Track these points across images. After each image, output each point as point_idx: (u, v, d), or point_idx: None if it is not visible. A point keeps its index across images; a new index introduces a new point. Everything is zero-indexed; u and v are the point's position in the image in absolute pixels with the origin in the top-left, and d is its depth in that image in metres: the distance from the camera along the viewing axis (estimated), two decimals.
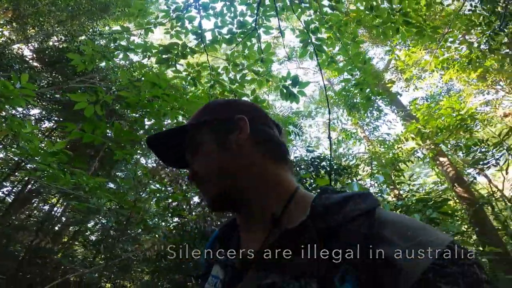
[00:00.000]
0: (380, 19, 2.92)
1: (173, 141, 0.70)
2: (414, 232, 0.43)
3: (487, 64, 5.79)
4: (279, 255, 0.49)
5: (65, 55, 7.06)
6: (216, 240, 0.70)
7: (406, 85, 9.02)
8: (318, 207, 0.51)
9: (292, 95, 3.29)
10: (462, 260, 0.39)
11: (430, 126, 7.47)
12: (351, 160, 8.98)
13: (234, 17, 2.98)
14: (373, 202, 0.50)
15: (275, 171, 0.61)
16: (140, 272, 9.13)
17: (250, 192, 0.59)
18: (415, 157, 9.47)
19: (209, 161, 0.62)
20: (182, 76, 3.34)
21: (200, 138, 0.65)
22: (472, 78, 6.93)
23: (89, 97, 2.52)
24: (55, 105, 7.41)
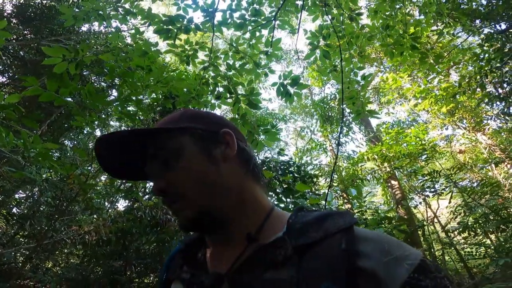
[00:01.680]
0: (392, 39, 2.90)
1: (132, 146, 0.59)
2: (391, 247, 0.45)
3: (460, 99, 6.30)
4: (254, 272, 0.48)
5: (46, 12, 6.31)
6: (179, 254, 0.64)
7: (380, 108, 9.47)
8: (295, 224, 0.52)
9: (288, 94, 3.17)
10: (434, 274, 0.42)
11: (393, 150, 7.94)
12: (316, 170, 9.18)
13: (250, 3, 2.73)
14: (351, 219, 0.51)
15: (254, 190, 0.59)
16: (67, 254, 8.37)
17: (230, 212, 0.55)
18: (372, 177, 10.06)
19: (193, 174, 0.54)
20: (177, 52, 2.99)
21: (179, 146, 0.56)
22: (442, 112, 7.51)
23: (67, 53, 2.09)
24: (15, 61, 6.59)
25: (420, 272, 0.42)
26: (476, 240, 5.37)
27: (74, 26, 2.61)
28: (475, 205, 5.21)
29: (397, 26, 2.98)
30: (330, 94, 9.93)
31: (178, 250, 0.67)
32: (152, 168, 0.58)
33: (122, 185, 7.80)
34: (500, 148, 8.29)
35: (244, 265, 0.50)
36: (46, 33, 6.45)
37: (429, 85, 6.41)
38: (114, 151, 0.59)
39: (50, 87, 2.30)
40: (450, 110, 7.48)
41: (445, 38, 5.24)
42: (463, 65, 5.81)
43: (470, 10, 4.35)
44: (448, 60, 5.17)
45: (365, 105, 3.84)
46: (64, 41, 5.82)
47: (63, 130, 7.44)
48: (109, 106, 3.03)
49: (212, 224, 0.55)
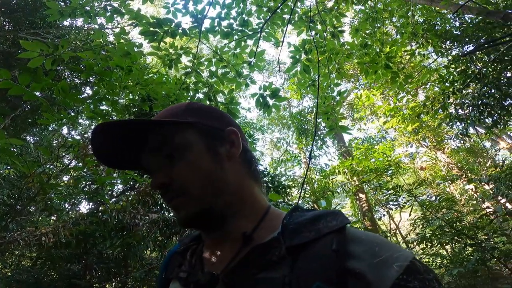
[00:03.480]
0: (369, 58, 3.09)
1: (130, 136, 0.57)
2: (381, 249, 0.46)
3: (424, 119, 6.74)
4: (247, 271, 0.49)
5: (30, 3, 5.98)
6: (176, 254, 0.65)
7: (352, 123, 9.89)
8: (289, 224, 0.52)
9: (267, 106, 3.23)
10: (422, 275, 0.42)
11: (363, 165, 8.31)
12: (290, 181, 9.33)
13: (239, 13, 2.78)
14: (344, 220, 0.51)
15: (253, 190, 0.60)
16: (19, 256, 7.74)
17: (230, 210, 0.55)
18: (342, 189, 10.43)
19: (197, 170, 0.54)
20: (160, 55, 2.96)
21: (186, 141, 0.56)
22: (407, 130, 8.00)
23: (45, 48, 2.01)
24: None
25: (409, 273, 0.42)
26: (433, 250, 5.72)
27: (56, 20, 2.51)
28: (433, 218, 5.57)
29: (375, 44, 3.17)
30: (307, 108, 10.23)
31: (176, 249, 0.67)
32: (153, 161, 0.57)
33: (86, 187, 7.41)
34: (458, 166, 8.99)
35: (239, 264, 0.51)
36: (26, 25, 6.16)
37: (398, 104, 6.81)
38: (109, 139, 0.57)
39: (22, 81, 2.18)
40: (415, 129, 7.99)
41: (416, 58, 5.64)
42: (430, 86, 6.22)
43: (443, 32, 4.68)
44: (417, 80, 5.54)
45: (338, 121, 4.02)
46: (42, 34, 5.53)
47: (27, 125, 6.96)
48: (81, 104, 2.91)
49: (211, 221, 0.56)
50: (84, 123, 8.27)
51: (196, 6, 2.74)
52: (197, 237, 0.65)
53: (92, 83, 6.48)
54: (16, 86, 2.22)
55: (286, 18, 2.90)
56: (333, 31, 2.96)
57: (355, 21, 6.37)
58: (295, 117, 9.85)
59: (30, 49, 2.03)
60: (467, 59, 4.67)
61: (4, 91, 2.21)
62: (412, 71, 6.03)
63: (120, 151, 0.60)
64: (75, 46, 4.32)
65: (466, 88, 4.74)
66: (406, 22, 3.51)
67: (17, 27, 6.18)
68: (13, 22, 6.27)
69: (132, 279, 5.65)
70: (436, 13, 4.01)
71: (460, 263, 4.89)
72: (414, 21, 3.68)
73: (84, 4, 2.59)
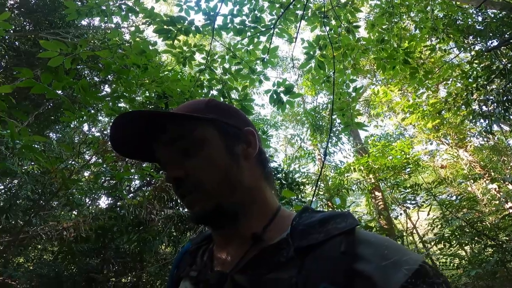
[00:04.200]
0: (386, 53, 3.00)
1: (150, 126, 0.57)
2: (390, 251, 0.45)
3: (446, 116, 6.50)
4: (255, 272, 0.49)
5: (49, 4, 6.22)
6: (187, 254, 0.66)
7: (369, 120, 9.68)
8: (298, 225, 0.52)
9: (280, 102, 3.21)
10: (432, 279, 0.42)
11: (379, 163, 8.13)
12: (303, 178, 9.28)
13: (252, 10, 2.78)
14: (353, 222, 0.51)
15: (266, 191, 0.60)
16: (41, 250, 8.07)
17: (242, 209, 0.56)
18: (357, 187, 10.26)
19: (213, 166, 0.54)
20: (174, 53, 3.00)
21: (204, 137, 0.56)
22: (427, 127, 7.75)
23: (64, 47, 2.09)
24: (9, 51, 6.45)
25: (418, 277, 0.41)
26: (451, 251, 5.55)
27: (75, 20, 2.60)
28: (452, 218, 5.39)
29: (392, 39, 3.08)
30: (322, 104, 10.09)
31: (187, 248, 0.68)
32: (169, 154, 0.57)
33: (106, 182, 7.64)
34: (480, 164, 8.63)
35: (248, 265, 0.51)
36: (45, 25, 6.38)
37: (418, 100, 6.60)
38: (129, 128, 0.57)
39: (44, 79, 2.27)
40: (435, 126, 7.72)
41: (437, 54, 5.43)
42: (452, 82, 6.02)
43: (465, 27, 4.49)
44: (438, 76, 5.35)
45: (354, 117, 3.95)
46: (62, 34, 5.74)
47: (50, 122, 7.26)
48: (101, 101, 3.00)
49: (224, 219, 0.56)
50: (104, 120, 8.52)
51: (208, 3, 2.76)
52: (208, 236, 0.66)
53: (110, 81, 6.67)
54: (38, 84, 2.31)
55: (299, 14, 2.85)
56: (348, 26, 2.89)
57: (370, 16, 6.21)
58: (309, 114, 9.75)
59: (49, 49, 2.11)
60: (491, 55, 4.45)
61: (27, 90, 2.31)
62: (433, 66, 5.81)
63: (137, 141, 0.60)
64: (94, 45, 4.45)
65: (490, 84, 4.53)
66: (425, 17, 3.37)
67: (37, 27, 6.41)
68: (33, 22, 6.51)
69: (146, 273, 5.78)
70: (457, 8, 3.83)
71: (479, 264, 4.73)
72: (434, 16, 3.53)
73: (100, 3, 2.66)
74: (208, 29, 2.77)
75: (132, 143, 0.60)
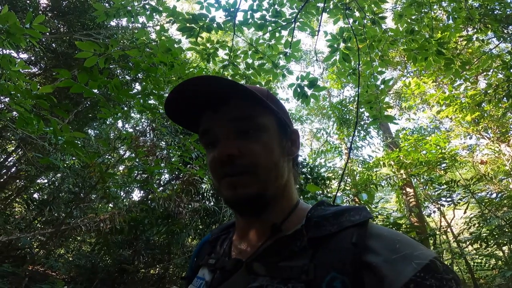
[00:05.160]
0: (417, 44, 2.86)
1: (212, 96, 0.56)
2: (402, 245, 0.45)
3: (486, 108, 6.04)
4: (270, 259, 0.52)
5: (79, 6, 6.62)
6: (207, 243, 0.70)
7: (400, 113, 9.24)
8: (313, 217, 0.54)
9: (305, 96, 3.18)
10: (441, 275, 0.41)
11: (411, 157, 7.75)
12: (329, 172, 9.10)
13: (272, 4, 2.77)
14: (367, 215, 0.52)
15: (292, 186, 0.63)
16: (80, 242, 8.59)
17: (273, 203, 0.58)
18: (387, 183, 9.87)
19: (270, 154, 0.56)
20: (198, 50, 3.09)
21: (266, 123, 0.58)
22: (466, 120, 7.26)
23: (98, 48, 2.23)
24: (47, 53, 6.94)
25: (427, 271, 0.41)
26: (488, 251, 5.22)
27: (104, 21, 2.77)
28: (491, 217, 5.05)
29: (423, 30, 2.92)
30: (349, 97, 9.80)
31: (207, 239, 0.72)
32: (226, 130, 0.56)
33: (138, 176, 8.02)
34: None
35: (263, 253, 0.54)
36: (78, 27, 6.77)
37: (455, 92, 6.17)
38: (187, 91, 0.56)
39: (81, 79, 2.44)
40: (475, 119, 7.20)
41: (474, 44, 5.04)
42: (492, 72, 5.58)
43: (503, 16, 4.16)
44: (477, 67, 5.00)
45: (383, 110, 3.80)
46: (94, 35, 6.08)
47: (88, 120, 7.75)
48: (132, 99, 3.17)
49: (257, 209, 0.57)
50: (135, 117, 8.93)
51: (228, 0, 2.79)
52: (228, 227, 0.70)
53: (140, 79, 6.98)
54: (76, 84, 2.50)
55: (320, 6, 2.80)
56: (373, 17, 2.79)
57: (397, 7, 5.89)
58: (335, 107, 9.50)
59: (84, 49, 2.26)
60: None
61: (67, 89, 2.51)
62: (470, 57, 5.40)
63: (185, 105, 0.59)
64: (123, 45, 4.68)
65: None
66: (458, 7, 3.15)
67: (70, 28, 6.82)
68: (67, 24, 6.93)
69: (173, 265, 5.96)
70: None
71: None
72: (469, 6, 3.27)
73: (126, 4, 2.80)
74: (229, 25, 2.81)
75: (181, 107, 0.60)
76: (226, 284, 0.53)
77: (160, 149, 6.92)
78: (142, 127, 8.66)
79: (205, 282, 0.59)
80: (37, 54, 6.89)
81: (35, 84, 2.55)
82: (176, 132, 6.84)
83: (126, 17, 2.91)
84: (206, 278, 0.59)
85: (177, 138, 6.65)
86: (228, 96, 0.56)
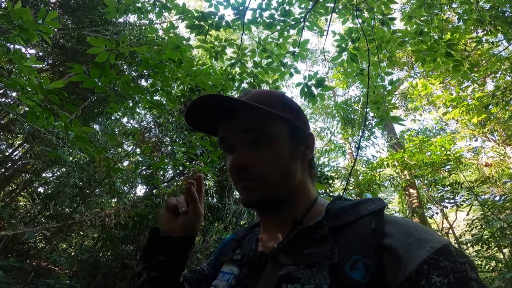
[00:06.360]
0: (425, 45, 2.85)
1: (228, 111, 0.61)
2: (416, 231, 0.48)
3: (493, 111, 6.00)
4: (294, 249, 0.55)
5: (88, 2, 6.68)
6: (232, 241, 0.74)
7: (406, 114, 9.19)
8: (332, 209, 0.58)
9: (311, 95, 3.19)
10: (454, 258, 0.43)
11: (416, 159, 7.73)
12: (333, 172, 9.11)
13: (281, 3, 2.78)
14: (382, 204, 0.55)
15: (310, 187, 0.66)
16: (82, 237, 8.65)
17: (290, 202, 0.62)
18: (390, 183, 9.85)
19: (279, 163, 0.60)
20: (206, 47, 3.11)
21: (276, 133, 0.61)
22: (472, 123, 7.22)
23: (109, 44, 2.27)
24: (55, 49, 7.01)
25: (440, 254, 0.43)
26: (488, 253, 5.22)
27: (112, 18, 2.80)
28: (494, 219, 5.04)
29: (433, 31, 2.91)
30: (354, 97, 9.76)
31: (232, 238, 0.77)
32: (239, 139, 0.61)
33: (143, 172, 8.05)
34: None
35: (287, 244, 0.57)
36: (86, 23, 6.84)
37: (462, 94, 6.13)
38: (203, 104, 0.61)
39: (93, 74, 2.48)
40: (481, 121, 7.16)
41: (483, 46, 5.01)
42: (501, 75, 5.54)
43: None
44: (485, 69, 4.96)
45: (389, 111, 3.80)
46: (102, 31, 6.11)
47: (94, 115, 7.81)
48: (142, 95, 3.21)
49: (273, 208, 0.62)
50: (141, 113, 8.98)
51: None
52: (253, 227, 0.75)
53: (146, 75, 7.01)
54: (89, 79, 2.54)
55: (330, 6, 2.80)
56: (382, 18, 2.79)
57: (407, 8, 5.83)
58: (340, 107, 9.49)
59: (96, 45, 2.29)
60: None
61: (74, 85, 2.54)
62: (479, 59, 5.36)
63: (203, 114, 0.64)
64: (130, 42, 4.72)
65: None
66: (469, 9, 3.13)
67: (79, 25, 6.89)
68: (75, 20, 7.00)
69: None
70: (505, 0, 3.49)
71: None
72: (479, 7, 3.25)
73: (136, 1, 2.83)
74: (238, 23, 2.82)
75: (201, 116, 0.65)
76: (255, 277, 0.56)
77: (165, 145, 6.96)
78: (147, 123, 8.71)
79: (233, 276, 0.61)
80: (45, 49, 6.95)
81: (46, 79, 2.59)
82: (182, 129, 6.87)
83: (136, 14, 2.94)
84: (234, 272, 0.62)
85: (182, 134, 6.67)
86: (239, 108, 0.61)
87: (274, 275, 0.52)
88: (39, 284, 5.22)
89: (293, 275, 0.50)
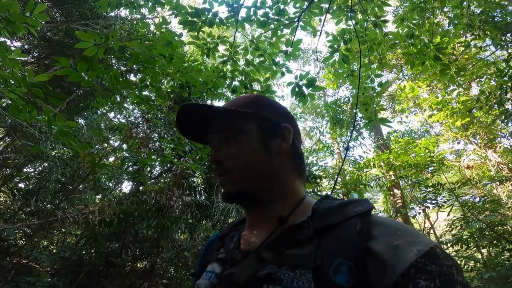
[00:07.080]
0: (415, 49, 2.91)
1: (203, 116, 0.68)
2: (403, 233, 0.48)
3: (476, 114, 6.19)
4: (278, 248, 0.54)
5: None
6: (216, 240, 0.74)
7: (392, 115, 9.38)
8: (319, 209, 0.57)
9: (302, 95, 3.20)
10: (441, 261, 0.43)
11: (401, 160, 7.92)
12: (320, 171, 9.21)
13: (275, 2, 2.77)
14: (369, 205, 0.55)
15: (294, 182, 0.65)
16: (64, 234, 8.40)
17: (269, 196, 0.62)
18: (376, 183, 10.07)
19: (247, 156, 0.62)
20: (199, 44, 3.06)
21: (243, 129, 0.63)
22: (456, 126, 7.44)
23: (98, 38, 2.20)
24: (41, 41, 6.77)
25: (428, 257, 0.43)
26: (467, 253, 5.41)
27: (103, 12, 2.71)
28: (473, 220, 5.23)
29: (423, 35, 2.98)
30: (343, 97, 9.88)
31: (216, 236, 0.76)
32: (215, 140, 0.67)
33: (129, 168, 7.88)
34: (509, 167, 8.22)
35: (271, 242, 0.56)
36: (76, 16, 6.66)
37: (447, 97, 6.30)
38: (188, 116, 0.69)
39: (80, 68, 2.41)
40: (465, 125, 7.39)
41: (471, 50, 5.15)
42: (486, 79, 5.70)
43: (503, 24, 4.25)
44: (472, 73, 5.09)
45: (378, 112, 3.87)
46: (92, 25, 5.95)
47: (79, 109, 7.59)
48: (130, 90, 3.14)
49: (248, 200, 0.64)
50: (128, 108, 8.79)
51: None
52: (237, 224, 0.74)
53: (135, 70, 6.86)
54: (75, 73, 2.46)
55: (324, 7, 2.81)
56: (375, 20, 2.82)
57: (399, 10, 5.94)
58: (330, 107, 9.59)
59: (85, 39, 2.23)
60: None
61: (59, 78, 2.46)
62: (466, 63, 5.51)
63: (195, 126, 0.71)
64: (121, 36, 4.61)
65: None
66: (460, 13, 3.21)
67: (68, 18, 6.69)
68: (64, 13, 6.79)
69: (161, 259, 5.89)
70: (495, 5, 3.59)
71: (493, 268, 4.60)
72: (470, 12, 3.34)
73: None
74: (232, 21, 2.80)
75: (193, 127, 0.71)
76: (237, 268, 0.56)
77: (153, 141, 6.84)
78: (135, 118, 8.53)
79: (215, 274, 0.61)
80: (31, 42, 6.71)
81: (31, 72, 2.49)
82: (170, 125, 6.77)
83: (128, 8, 2.86)
84: (216, 271, 0.62)
85: (171, 130, 6.58)
86: (211, 115, 0.67)
87: (256, 274, 0.52)
88: (19, 282, 5.05)
89: (275, 276, 0.50)
